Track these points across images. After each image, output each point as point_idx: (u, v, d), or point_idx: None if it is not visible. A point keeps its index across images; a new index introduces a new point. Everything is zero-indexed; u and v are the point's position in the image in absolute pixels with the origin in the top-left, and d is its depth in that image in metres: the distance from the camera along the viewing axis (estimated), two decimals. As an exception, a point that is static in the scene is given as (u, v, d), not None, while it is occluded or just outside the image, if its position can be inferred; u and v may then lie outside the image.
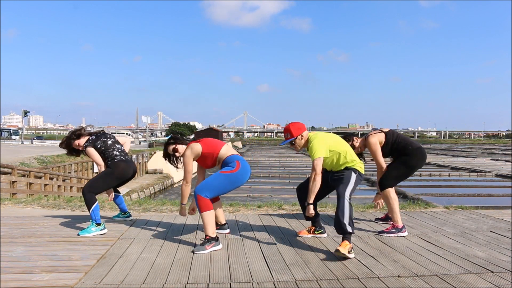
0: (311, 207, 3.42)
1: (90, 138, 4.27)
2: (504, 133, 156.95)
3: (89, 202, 3.94)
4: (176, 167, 3.84)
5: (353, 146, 4.14)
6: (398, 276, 2.78)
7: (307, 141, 3.54)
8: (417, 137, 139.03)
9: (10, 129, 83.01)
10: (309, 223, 3.94)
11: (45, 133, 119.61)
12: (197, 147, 3.59)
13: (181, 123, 79.83)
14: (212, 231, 3.40)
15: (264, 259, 3.14)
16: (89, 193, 3.98)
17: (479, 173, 23.34)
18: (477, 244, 3.61)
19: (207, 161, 3.66)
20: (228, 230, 3.94)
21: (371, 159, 4.27)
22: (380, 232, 3.96)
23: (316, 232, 3.84)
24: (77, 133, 4.34)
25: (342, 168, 3.53)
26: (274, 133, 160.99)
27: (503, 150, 51.79)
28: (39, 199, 6.36)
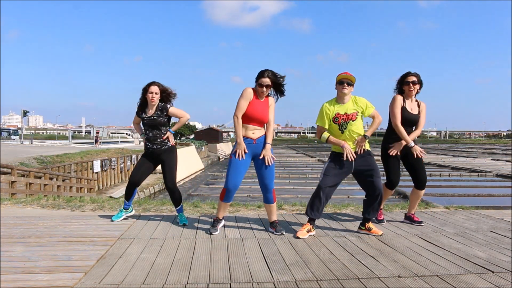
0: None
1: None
2: (505, 133, 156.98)
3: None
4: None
5: None
6: (398, 276, 2.78)
7: (350, 94, 3.84)
8: (417, 137, 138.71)
9: (9, 129, 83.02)
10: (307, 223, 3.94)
11: (44, 133, 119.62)
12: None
13: (181, 123, 79.62)
14: None
15: (264, 259, 3.13)
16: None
17: (479, 173, 23.35)
18: (477, 244, 3.61)
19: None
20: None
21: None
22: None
23: (312, 230, 3.88)
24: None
25: (366, 148, 3.85)
26: (274, 133, 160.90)
27: (504, 150, 51.78)
28: (38, 199, 6.36)
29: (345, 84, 3.75)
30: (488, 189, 17.06)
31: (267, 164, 3.82)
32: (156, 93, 4.11)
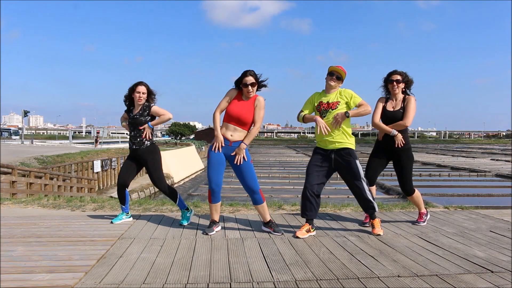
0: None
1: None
2: (504, 133, 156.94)
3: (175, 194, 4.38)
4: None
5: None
6: (398, 276, 2.79)
7: (337, 89, 3.91)
8: (417, 137, 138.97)
9: (10, 129, 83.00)
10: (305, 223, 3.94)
11: (45, 133, 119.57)
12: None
13: (181, 123, 79.72)
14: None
15: (264, 259, 3.14)
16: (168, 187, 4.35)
17: (479, 173, 23.36)
18: (476, 244, 3.62)
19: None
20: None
21: None
22: (415, 223, 4.39)
23: (312, 230, 3.88)
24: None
25: (344, 146, 3.85)
26: (274, 133, 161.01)
27: (503, 150, 51.77)
28: (39, 199, 6.36)
29: (334, 77, 3.85)
30: (487, 189, 17.07)
31: (235, 162, 3.80)
32: (143, 93, 4.18)
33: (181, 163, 27.27)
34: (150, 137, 4.27)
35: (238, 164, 3.82)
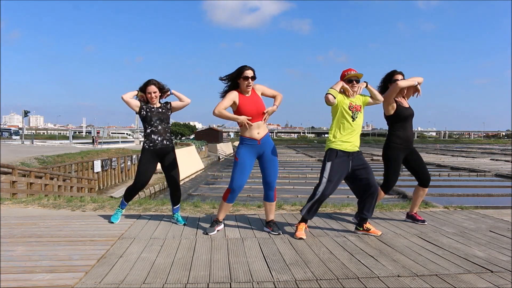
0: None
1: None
2: (504, 133, 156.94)
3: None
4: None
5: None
6: (398, 276, 2.79)
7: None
8: (417, 137, 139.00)
9: (10, 129, 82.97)
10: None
11: (45, 133, 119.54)
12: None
13: (181, 123, 79.68)
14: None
15: (264, 259, 3.14)
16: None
17: (478, 173, 23.36)
18: (476, 244, 3.62)
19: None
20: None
21: None
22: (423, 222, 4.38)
23: (306, 227, 3.90)
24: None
25: (359, 150, 3.87)
26: (274, 133, 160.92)
27: (503, 150, 51.77)
28: (39, 199, 6.36)
29: (354, 82, 3.80)
30: (487, 189, 17.08)
31: (264, 119, 3.79)
32: (154, 92, 4.09)
33: (181, 163, 27.17)
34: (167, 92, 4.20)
35: (263, 120, 3.79)
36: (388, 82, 4.23)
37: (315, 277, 2.77)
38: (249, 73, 3.75)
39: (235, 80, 3.80)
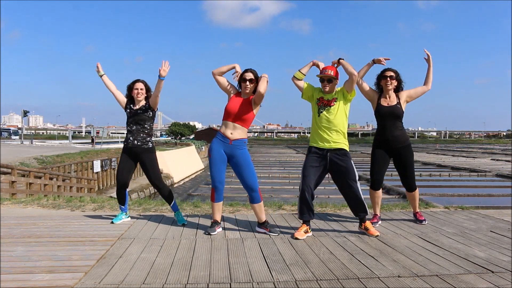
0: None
1: None
2: (505, 133, 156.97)
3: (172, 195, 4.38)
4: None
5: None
6: (398, 276, 2.78)
7: (335, 87, 3.87)
8: (417, 137, 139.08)
9: (10, 129, 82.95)
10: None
11: (44, 133, 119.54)
12: None
13: (181, 123, 79.66)
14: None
15: (264, 259, 3.13)
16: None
17: (479, 173, 23.34)
18: (477, 244, 3.61)
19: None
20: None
21: None
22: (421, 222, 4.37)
23: (309, 230, 3.87)
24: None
25: (340, 147, 3.84)
26: (274, 133, 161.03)
27: (504, 150, 51.77)
28: (39, 199, 6.36)
29: (325, 82, 3.83)
30: (487, 189, 17.05)
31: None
32: (141, 89, 4.20)
33: (181, 163, 27.27)
34: (164, 71, 4.02)
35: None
36: (380, 78, 4.23)
37: (315, 277, 2.76)
38: (247, 75, 3.79)
39: (239, 82, 3.89)
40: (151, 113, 4.26)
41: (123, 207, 4.37)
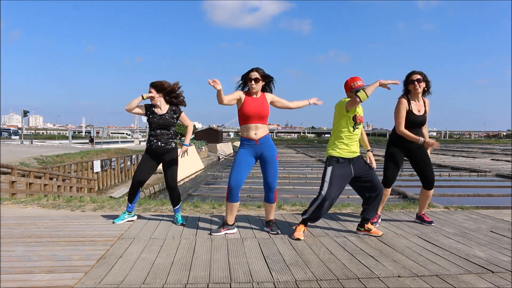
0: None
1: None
2: (505, 133, 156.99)
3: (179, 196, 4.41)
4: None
5: None
6: (398, 276, 2.78)
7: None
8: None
9: (10, 129, 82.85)
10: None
11: (44, 133, 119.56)
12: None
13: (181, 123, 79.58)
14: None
15: (264, 259, 3.13)
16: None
17: (479, 173, 23.33)
18: (477, 244, 3.61)
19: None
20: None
21: None
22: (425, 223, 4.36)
23: (306, 230, 3.88)
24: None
25: (359, 155, 3.86)
26: (274, 133, 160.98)
27: (504, 150, 51.76)
28: (38, 199, 6.35)
29: (353, 92, 3.73)
30: (488, 189, 17.04)
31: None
32: (151, 92, 4.19)
33: (181, 163, 27.11)
34: (182, 155, 4.31)
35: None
36: (407, 84, 4.16)
37: (315, 277, 2.76)
38: (253, 74, 3.80)
39: (246, 81, 3.89)
40: (176, 119, 4.31)
41: (130, 205, 4.38)
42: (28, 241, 3.56)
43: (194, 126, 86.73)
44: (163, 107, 4.25)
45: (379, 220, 4.35)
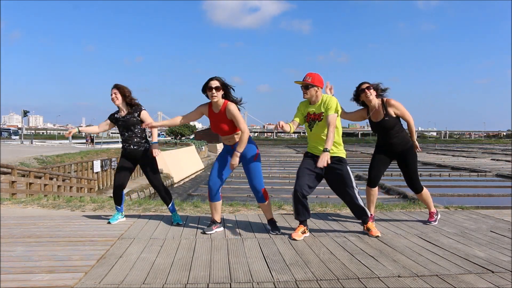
0: (327, 154, 3.59)
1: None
2: (505, 133, 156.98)
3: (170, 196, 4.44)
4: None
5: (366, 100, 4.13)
6: (398, 276, 2.78)
7: (319, 96, 3.80)
8: (418, 137, 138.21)
9: (10, 129, 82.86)
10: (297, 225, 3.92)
11: (44, 133, 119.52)
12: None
13: (181, 123, 79.41)
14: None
15: (264, 259, 3.13)
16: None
17: (479, 173, 23.34)
18: (477, 244, 3.61)
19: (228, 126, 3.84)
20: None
21: None
22: (426, 222, 4.39)
23: (307, 231, 3.86)
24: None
25: (335, 155, 3.78)
26: (274, 133, 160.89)
27: (504, 150, 51.76)
28: (39, 199, 6.36)
29: (303, 88, 3.81)
30: (488, 189, 17.04)
31: (229, 168, 3.90)
32: (115, 93, 4.25)
33: (181, 163, 27.26)
34: (157, 154, 4.29)
35: (231, 168, 3.88)
36: (358, 95, 4.16)
37: (315, 277, 2.76)
38: (212, 83, 3.70)
39: (205, 92, 3.79)
40: (138, 117, 4.28)
41: (119, 207, 4.40)
42: (28, 241, 3.56)
43: (194, 126, 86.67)
44: (125, 109, 4.31)
45: (373, 221, 4.34)
